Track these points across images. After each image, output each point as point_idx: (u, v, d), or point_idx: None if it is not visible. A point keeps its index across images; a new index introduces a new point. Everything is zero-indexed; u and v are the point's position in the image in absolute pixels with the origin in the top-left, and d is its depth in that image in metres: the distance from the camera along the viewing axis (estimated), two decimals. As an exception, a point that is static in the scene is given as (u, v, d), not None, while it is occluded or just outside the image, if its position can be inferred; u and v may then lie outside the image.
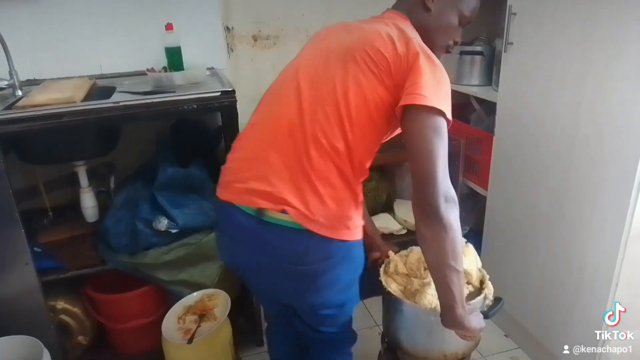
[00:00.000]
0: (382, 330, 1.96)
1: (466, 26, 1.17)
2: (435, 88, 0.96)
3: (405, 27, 1.07)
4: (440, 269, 0.97)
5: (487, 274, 1.29)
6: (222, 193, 1.10)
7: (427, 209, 0.93)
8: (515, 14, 1.59)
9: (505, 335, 1.91)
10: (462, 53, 2.03)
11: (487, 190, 1.93)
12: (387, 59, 1.00)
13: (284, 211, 1.01)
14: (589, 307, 1.46)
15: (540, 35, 1.53)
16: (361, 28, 1.10)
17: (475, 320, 1.06)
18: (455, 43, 1.17)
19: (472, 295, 1.23)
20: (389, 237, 2.01)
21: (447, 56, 2.13)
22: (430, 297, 1.18)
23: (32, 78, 1.78)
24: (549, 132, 1.55)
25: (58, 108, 1.40)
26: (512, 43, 1.64)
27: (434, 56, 1.02)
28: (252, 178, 1.05)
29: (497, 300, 1.20)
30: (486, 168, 1.92)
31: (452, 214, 0.93)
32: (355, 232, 1.07)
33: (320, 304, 1.16)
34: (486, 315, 1.16)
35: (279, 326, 1.40)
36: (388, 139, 1.12)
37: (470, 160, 2.08)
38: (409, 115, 0.97)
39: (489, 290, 1.21)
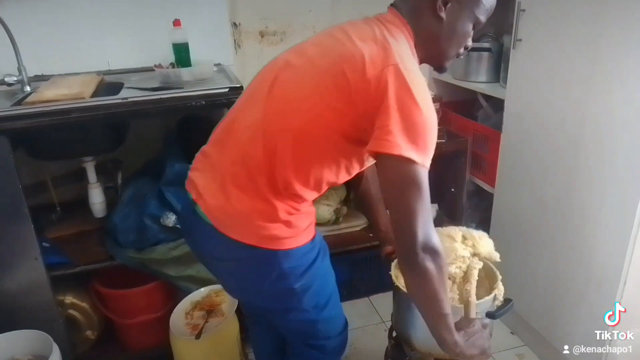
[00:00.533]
0: (387, 326, 1.98)
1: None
2: (409, 131, 0.86)
3: (394, 41, 0.95)
4: (426, 312, 1.00)
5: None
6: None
7: (407, 260, 0.93)
8: (524, 10, 1.58)
9: (511, 333, 1.91)
10: (465, 48, 2.02)
11: (494, 187, 1.93)
12: (350, 84, 0.91)
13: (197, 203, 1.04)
14: (597, 305, 1.45)
15: (548, 33, 1.52)
16: (342, 42, 0.97)
17: (476, 346, 1.06)
18: (466, 48, 1.07)
19: (482, 294, 1.23)
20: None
21: (455, 53, 2.15)
22: None
23: (40, 74, 1.79)
24: (556, 129, 1.54)
25: (67, 104, 1.41)
26: (520, 40, 1.63)
27: (416, 83, 0.89)
28: (199, 169, 1.09)
29: (506, 301, 1.20)
30: (493, 165, 1.91)
31: (430, 264, 0.91)
32: (273, 241, 1.01)
33: (248, 303, 1.20)
34: (493, 315, 1.17)
35: (256, 318, 1.40)
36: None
37: (477, 157, 2.08)
38: (381, 162, 0.91)
39: (500, 291, 1.20)
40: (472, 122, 2.10)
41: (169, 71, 1.65)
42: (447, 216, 2.11)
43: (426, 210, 0.90)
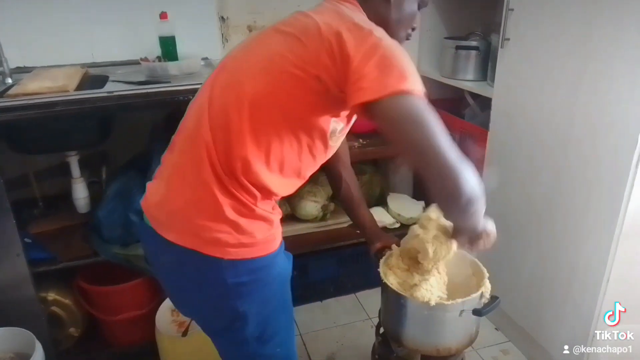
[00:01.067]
0: (374, 323, 1.99)
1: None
2: (380, 67, 0.78)
3: (350, 12, 0.90)
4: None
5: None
6: None
7: (452, 207, 0.86)
8: (512, 10, 1.59)
9: (496, 329, 1.94)
10: (457, 48, 2.03)
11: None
12: (305, 46, 0.84)
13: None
14: (580, 303, 1.48)
15: (537, 32, 1.54)
16: (294, 19, 0.93)
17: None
18: (413, 29, 1.05)
19: (468, 292, 1.24)
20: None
21: (442, 50, 2.17)
22: (425, 292, 1.18)
23: (22, 65, 1.74)
24: (543, 129, 1.56)
25: (51, 97, 1.38)
26: (508, 39, 1.64)
27: (373, 27, 0.85)
28: (155, 177, 1.04)
29: (492, 298, 1.22)
30: (480, 163, 1.93)
31: (476, 204, 0.84)
32: (215, 246, 0.89)
33: (196, 320, 1.09)
34: (480, 312, 1.18)
35: None
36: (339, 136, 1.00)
37: (464, 155, 2.09)
38: (374, 114, 0.80)
39: (486, 288, 1.21)
40: (459, 120, 2.12)
41: (155, 65, 1.62)
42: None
43: (448, 143, 0.78)
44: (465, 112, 2.19)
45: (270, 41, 0.91)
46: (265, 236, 0.94)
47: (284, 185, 0.96)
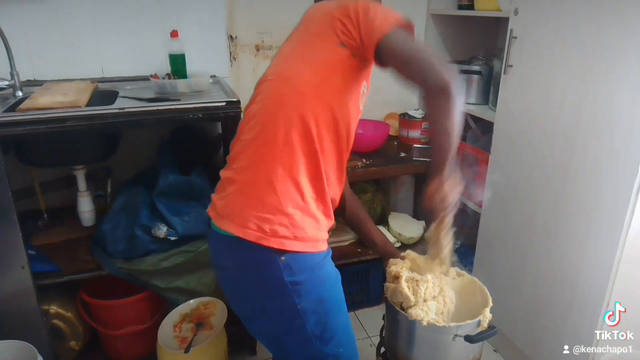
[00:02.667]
0: (373, 341, 1.99)
1: None
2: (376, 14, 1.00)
3: None
4: (444, 137, 1.00)
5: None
6: None
7: (435, 89, 0.94)
8: (516, 37, 1.64)
9: (494, 350, 1.95)
10: (460, 72, 2.08)
11: (481, 207, 1.97)
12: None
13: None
14: (580, 326, 1.50)
15: (540, 60, 1.58)
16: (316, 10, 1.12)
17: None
18: None
19: (473, 311, 1.25)
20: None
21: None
22: (419, 311, 1.20)
23: (33, 78, 1.77)
24: (545, 153, 1.59)
25: (62, 112, 1.40)
26: (511, 65, 1.68)
27: None
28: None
29: (489, 327, 1.22)
30: (481, 185, 1.96)
31: (455, 90, 0.94)
32: (272, 237, 0.99)
33: (252, 326, 1.13)
34: (471, 339, 1.18)
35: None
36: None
37: (465, 177, 2.12)
38: (383, 47, 0.98)
39: (485, 317, 1.21)
40: (461, 143, 2.15)
41: (165, 82, 1.64)
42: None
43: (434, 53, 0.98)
44: (467, 134, 2.22)
45: (307, 31, 1.10)
46: (315, 234, 1.04)
47: (333, 182, 1.10)
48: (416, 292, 1.24)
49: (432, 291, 1.24)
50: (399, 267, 1.30)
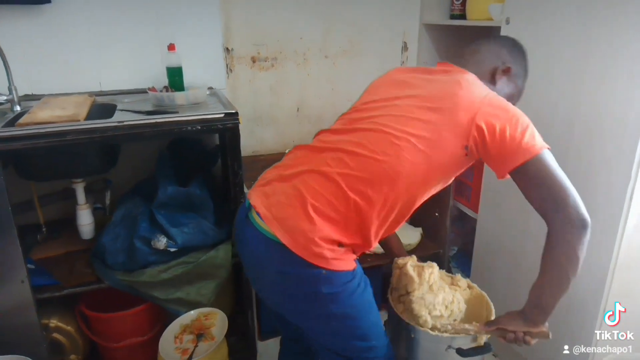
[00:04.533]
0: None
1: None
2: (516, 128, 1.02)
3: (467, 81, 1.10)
4: (560, 278, 1.06)
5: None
6: None
7: (565, 229, 1.01)
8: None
9: (494, 355, 1.96)
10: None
11: (477, 213, 1.99)
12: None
13: (256, 210, 1.09)
14: (579, 326, 1.51)
15: (532, 68, 1.60)
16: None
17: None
18: None
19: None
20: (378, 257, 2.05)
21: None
22: (420, 307, 1.24)
23: (30, 93, 1.78)
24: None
25: (62, 126, 1.40)
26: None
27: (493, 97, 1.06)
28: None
29: (485, 345, 1.24)
30: (477, 191, 1.98)
31: (585, 232, 1.01)
32: (318, 258, 1.03)
33: (291, 315, 1.18)
34: (462, 352, 1.20)
35: (289, 349, 1.42)
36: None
37: (462, 183, 2.15)
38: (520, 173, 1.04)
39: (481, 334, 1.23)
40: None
41: (163, 95, 1.66)
42: (431, 240, 2.16)
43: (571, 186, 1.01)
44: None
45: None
46: (349, 256, 1.09)
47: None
48: (421, 275, 1.26)
49: (438, 282, 1.27)
50: (406, 260, 1.34)
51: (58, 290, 1.58)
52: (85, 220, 1.71)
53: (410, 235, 2.18)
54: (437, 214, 2.12)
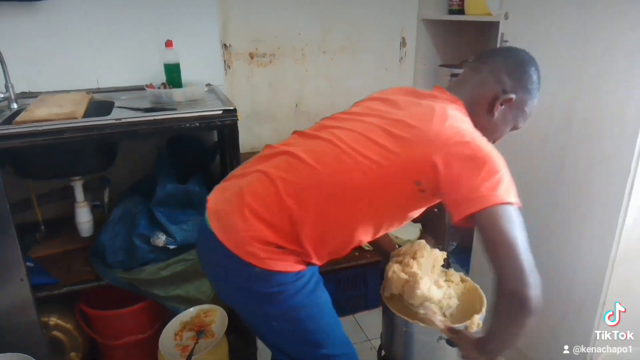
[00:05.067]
0: (373, 344, 2.00)
1: None
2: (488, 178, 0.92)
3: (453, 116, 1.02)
4: (508, 332, 0.97)
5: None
6: None
7: (512, 293, 0.90)
8: (507, 41, 1.66)
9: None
10: (452, 75, 2.10)
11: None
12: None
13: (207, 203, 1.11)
14: (579, 326, 1.52)
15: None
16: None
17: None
18: (494, 142, 1.15)
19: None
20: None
21: (437, 77, 2.24)
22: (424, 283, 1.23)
23: (28, 91, 1.77)
24: (537, 156, 1.61)
25: (59, 124, 1.39)
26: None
27: (470, 137, 0.97)
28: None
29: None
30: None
31: (535, 296, 0.90)
32: (257, 257, 1.00)
33: (237, 310, 1.18)
34: (452, 343, 1.18)
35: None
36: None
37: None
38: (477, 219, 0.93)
39: (472, 323, 1.19)
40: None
41: (161, 92, 1.65)
42: (431, 236, 2.16)
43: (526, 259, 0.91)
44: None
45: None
46: (291, 259, 1.04)
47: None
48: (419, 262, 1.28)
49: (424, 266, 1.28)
50: (391, 264, 1.32)
51: (57, 289, 1.58)
52: (83, 217, 1.71)
53: (409, 232, 2.19)
54: (435, 209, 2.11)
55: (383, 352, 1.45)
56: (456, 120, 1.01)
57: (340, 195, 0.99)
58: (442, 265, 1.37)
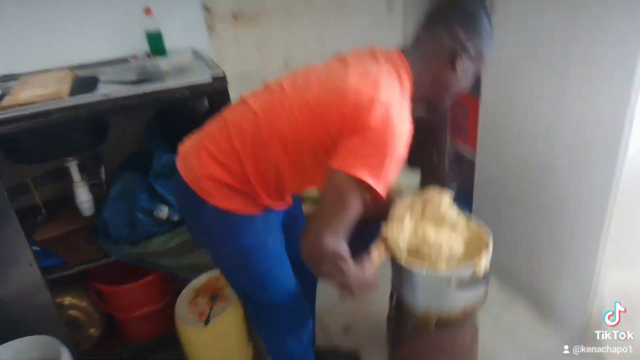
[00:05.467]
0: (387, 293, 2.04)
1: None
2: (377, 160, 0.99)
3: (387, 81, 1.06)
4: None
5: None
6: None
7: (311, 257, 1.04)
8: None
9: (500, 286, 2.01)
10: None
11: (475, 152, 1.99)
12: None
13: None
14: (580, 259, 1.56)
15: (519, 50, 1.56)
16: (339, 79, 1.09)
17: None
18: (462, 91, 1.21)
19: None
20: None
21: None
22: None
23: (8, 73, 1.71)
24: (535, 94, 1.60)
25: (46, 105, 1.35)
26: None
27: (397, 119, 1.01)
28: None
29: (484, 277, 1.25)
30: (473, 131, 1.97)
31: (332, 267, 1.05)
32: (210, 194, 1.11)
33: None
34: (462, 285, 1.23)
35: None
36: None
37: (457, 124, 2.13)
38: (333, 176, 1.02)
39: (478, 265, 1.23)
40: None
41: (146, 62, 1.60)
42: (430, 183, 2.17)
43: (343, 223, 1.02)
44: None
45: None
46: (244, 200, 1.13)
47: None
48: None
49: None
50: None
51: (67, 269, 1.59)
52: (83, 197, 1.70)
53: (407, 177, 2.19)
54: (433, 158, 2.12)
55: (395, 296, 1.48)
56: (382, 87, 1.03)
57: (267, 139, 1.09)
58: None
